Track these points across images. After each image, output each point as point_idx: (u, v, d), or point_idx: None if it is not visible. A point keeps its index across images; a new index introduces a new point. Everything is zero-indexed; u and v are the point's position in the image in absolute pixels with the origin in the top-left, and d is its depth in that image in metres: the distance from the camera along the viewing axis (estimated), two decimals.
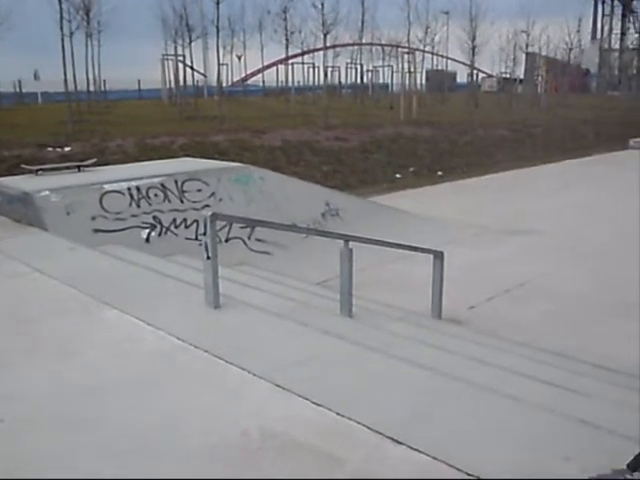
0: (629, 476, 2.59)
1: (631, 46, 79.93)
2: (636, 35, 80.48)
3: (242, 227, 8.52)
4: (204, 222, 4.40)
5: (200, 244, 4.76)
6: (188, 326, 4.21)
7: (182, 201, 8.53)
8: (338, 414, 3.01)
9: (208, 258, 4.42)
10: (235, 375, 3.47)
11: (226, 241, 8.47)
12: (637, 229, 10.88)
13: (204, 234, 4.47)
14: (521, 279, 8.06)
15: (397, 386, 3.42)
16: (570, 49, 52.58)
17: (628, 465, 2.56)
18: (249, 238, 8.72)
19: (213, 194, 8.88)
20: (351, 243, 5.39)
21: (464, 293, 7.30)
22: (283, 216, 8.75)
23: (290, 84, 41.83)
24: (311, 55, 46.60)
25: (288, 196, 9.76)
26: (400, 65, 35.54)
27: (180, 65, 32.38)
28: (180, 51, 33.93)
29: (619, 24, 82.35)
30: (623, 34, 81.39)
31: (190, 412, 3.15)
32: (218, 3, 23.86)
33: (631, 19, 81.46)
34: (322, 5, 28.33)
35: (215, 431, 2.95)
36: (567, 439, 2.91)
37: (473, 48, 37.35)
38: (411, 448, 2.74)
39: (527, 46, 45.99)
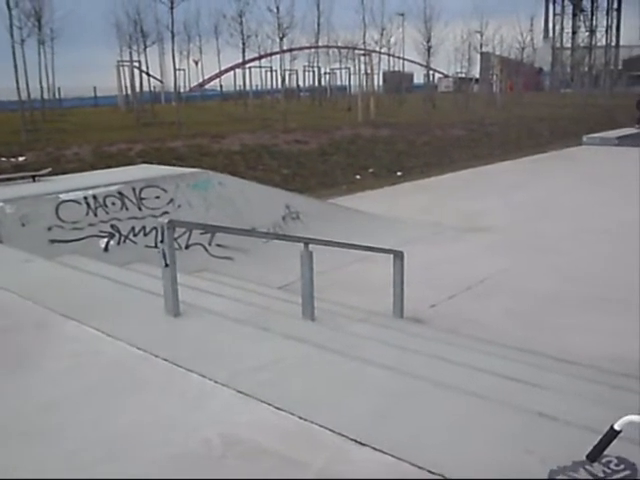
0: (588, 467, 2.64)
1: (582, 44, 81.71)
2: (587, 33, 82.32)
3: (202, 233, 8.45)
4: (161, 229, 4.36)
5: (160, 251, 4.70)
6: (148, 335, 4.15)
7: (140, 208, 8.43)
8: (301, 418, 3.00)
9: (166, 266, 4.37)
10: (196, 383, 3.44)
11: (186, 248, 8.40)
12: (592, 223, 11.12)
13: (162, 241, 4.42)
14: (481, 276, 8.15)
15: (360, 388, 3.42)
16: (523, 48, 53.59)
17: (587, 456, 2.61)
18: (210, 244, 8.66)
19: (172, 201, 8.80)
20: (311, 246, 5.39)
21: (425, 292, 7.35)
22: (243, 221, 8.71)
23: (248, 88, 41.75)
24: (268, 59, 46.62)
25: (248, 200, 9.72)
26: (357, 67, 35.78)
27: (136, 71, 32.10)
28: (135, 57, 33.67)
29: (570, 23, 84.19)
30: (574, 33, 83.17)
31: (152, 422, 3.10)
32: (172, 8, 23.72)
33: (581, 18, 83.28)
34: (277, 9, 28.44)
35: (177, 440, 2.92)
36: (528, 433, 2.95)
37: (428, 49, 37.77)
38: (375, 449, 2.74)
39: (481, 46, 46.77)
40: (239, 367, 3.65)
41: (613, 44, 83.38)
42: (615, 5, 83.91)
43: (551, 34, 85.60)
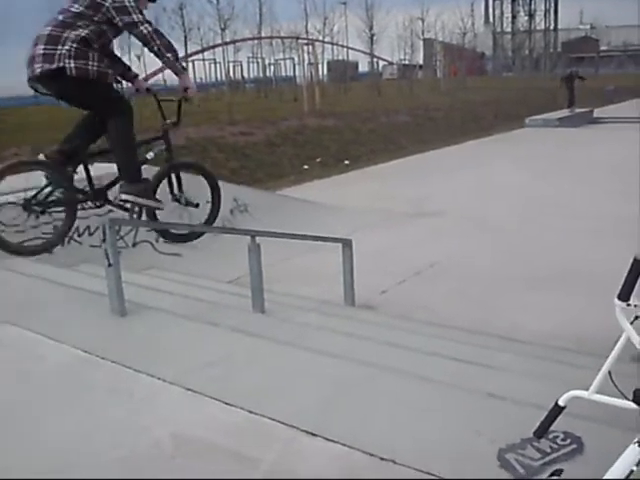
0: (536, 443, 2.69)
1: (522, 28, 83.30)
2: (526, 17, 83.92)
3: (149, 230, 8.30)
4: (102, 228, 4.27)
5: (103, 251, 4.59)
6: (93, 337, 4.06)
7: (84, 208, 8.22)
8: (251, 412, 2.97)
9: (110, 265, 4.28)
10: (144, 383, 3.38)
11: (133, 246, 8.24)
12: (539, 203, 11.35)
13: (103, 241, 4.32)
14: (430, 260, 8.22)
15: (311, 378, 3.41)
16: (464, 33, 54.44)
17: (534, 433, 2.65)
18: (157, 240, 8.51)
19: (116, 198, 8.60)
20: (260, 238, 5.35)
21: (376, 278, 7.37)
22: (191, 216, 8.58)
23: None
24: (212, 51, 46.17)
25: (194, 195, 9.56)
26: (301, 57, 35.66)
27: None
28: None
29: (509, 7, 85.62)
30: (514, 17, 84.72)
31: (99, 426, 3.04)
32: None
33: (520, 2, 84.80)
34: (217, 0, 28.14)
35: (127, 443, 2.86)
36: (478, 414, 2.99)
37: (371, 37, 38.02)
38: (326, 439, 2.74)
39: (423, 32, 47.35)
40: (188, 364, 3.60)
41: (552, 27, 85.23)
42: None
43: (491, 19, 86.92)
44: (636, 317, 2.12)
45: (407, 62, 51.45)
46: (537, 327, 5.87)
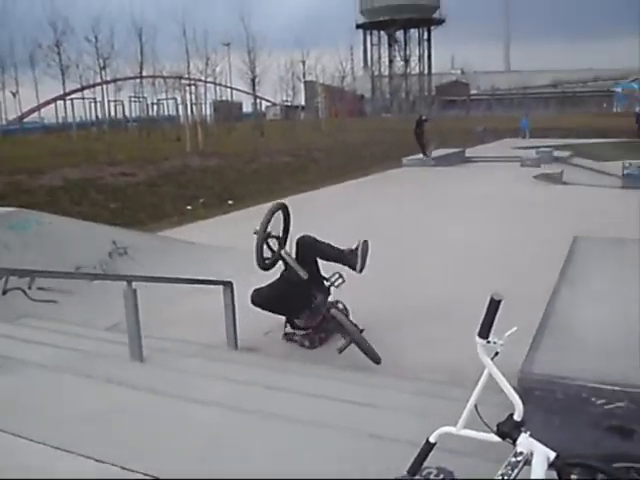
0: None
1: (398, 72, 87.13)
2: (402, 62, 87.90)
3: (21, 276, 7.89)
4: None
5: None
6: None
7: None
8: (123, 468, 2.85)
9: None
10: (8, 444, 3.16)
11: (3, 293, 7.80)
12: (415, 239, 11.69)
13: None
14: None
15: (187, 430, 3.31)
16: (344, 77, 56.12)
17: (408, 471, 2.69)
18: (30, 288, 8.10)
19: None
20: (138, 282, 5.20)
21: (259, 320, 7.28)
22: (67, 260, 8.26)
23: (71, 120, 40.12)
24: (92, 90, 45.16)
25: (70, 239, 9.22)
26: (184, 97, 35.56)
27: None
28: None
29: (387, 52, 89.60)
30: (391, 61, 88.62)
31: None
32: None
33: (397, 47, 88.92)
34: (96, 38, 27.67)
35: None
36: (354, 454, 3.00)
37: (253, 78, 38.44)
38: None
39: (304, 75, 48.42)
40: (57, 421, 3.41)
41: (426, 72, 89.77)
42: (425, 36, 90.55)
43: (369, 63, 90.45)
44: (496, 353, 2.22)
45: (290, 103, 52.40)
46: (421, 361, 5.98)
